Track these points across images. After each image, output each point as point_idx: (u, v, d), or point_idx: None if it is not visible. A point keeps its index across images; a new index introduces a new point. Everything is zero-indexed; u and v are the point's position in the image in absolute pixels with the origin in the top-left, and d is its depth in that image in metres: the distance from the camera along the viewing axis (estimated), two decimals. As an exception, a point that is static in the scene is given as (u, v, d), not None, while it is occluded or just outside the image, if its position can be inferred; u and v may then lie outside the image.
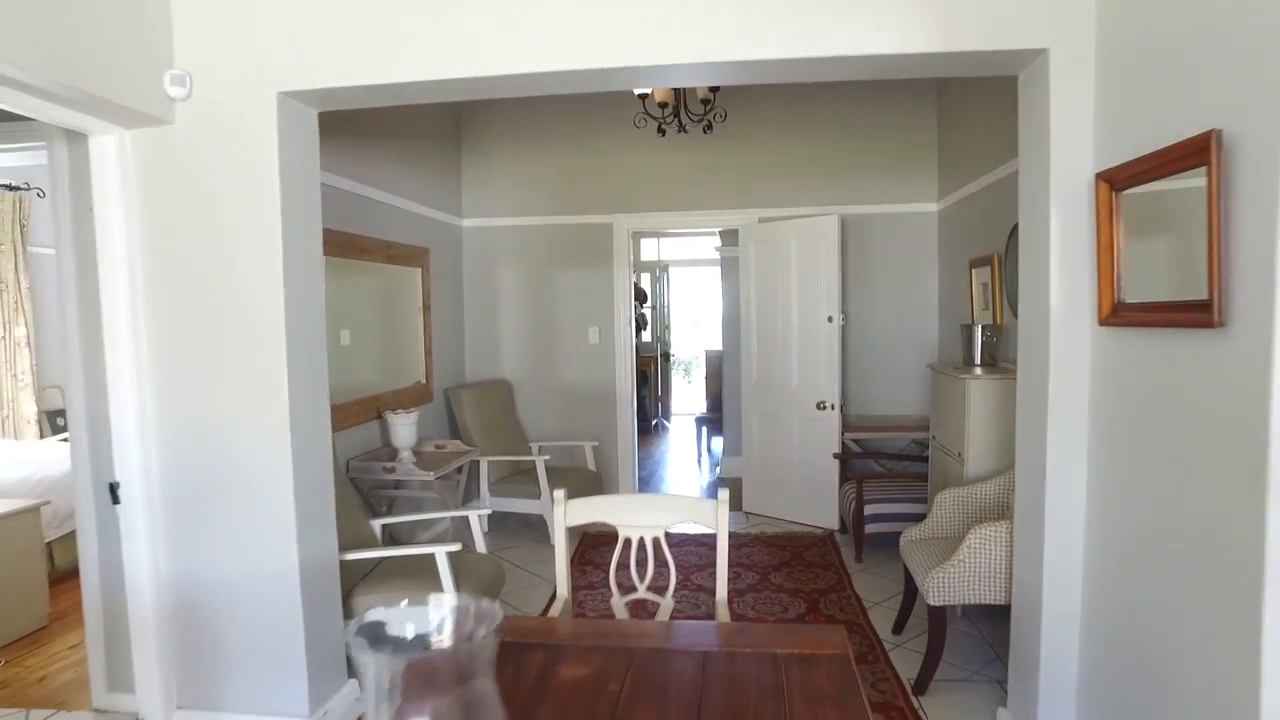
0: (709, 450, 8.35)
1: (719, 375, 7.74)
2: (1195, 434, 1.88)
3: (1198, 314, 1.81)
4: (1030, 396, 2.61)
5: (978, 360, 4.02)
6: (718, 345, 8.00)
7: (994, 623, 3.63)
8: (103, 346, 2.79)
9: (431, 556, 3.09)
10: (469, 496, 5.31)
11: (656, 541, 2.37)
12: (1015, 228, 3.17)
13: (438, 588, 3.07)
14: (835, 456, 5.26)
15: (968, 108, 4.99)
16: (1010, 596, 2.90)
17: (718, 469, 7.46)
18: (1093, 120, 2.38)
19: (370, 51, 2.61)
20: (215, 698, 2.87)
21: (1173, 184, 1.94)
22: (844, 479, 5.22)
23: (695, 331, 12.44)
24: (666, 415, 10.93)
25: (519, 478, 5.27)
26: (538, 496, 5.03)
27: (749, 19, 2.46)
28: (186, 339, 2.77)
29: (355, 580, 3.24)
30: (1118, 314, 2.21)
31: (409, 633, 0.94)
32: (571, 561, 3.99)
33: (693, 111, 4.77)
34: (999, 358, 4.12)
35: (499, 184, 6.06)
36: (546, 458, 5.19)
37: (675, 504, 2.47)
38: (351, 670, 3.05)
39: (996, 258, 4.33)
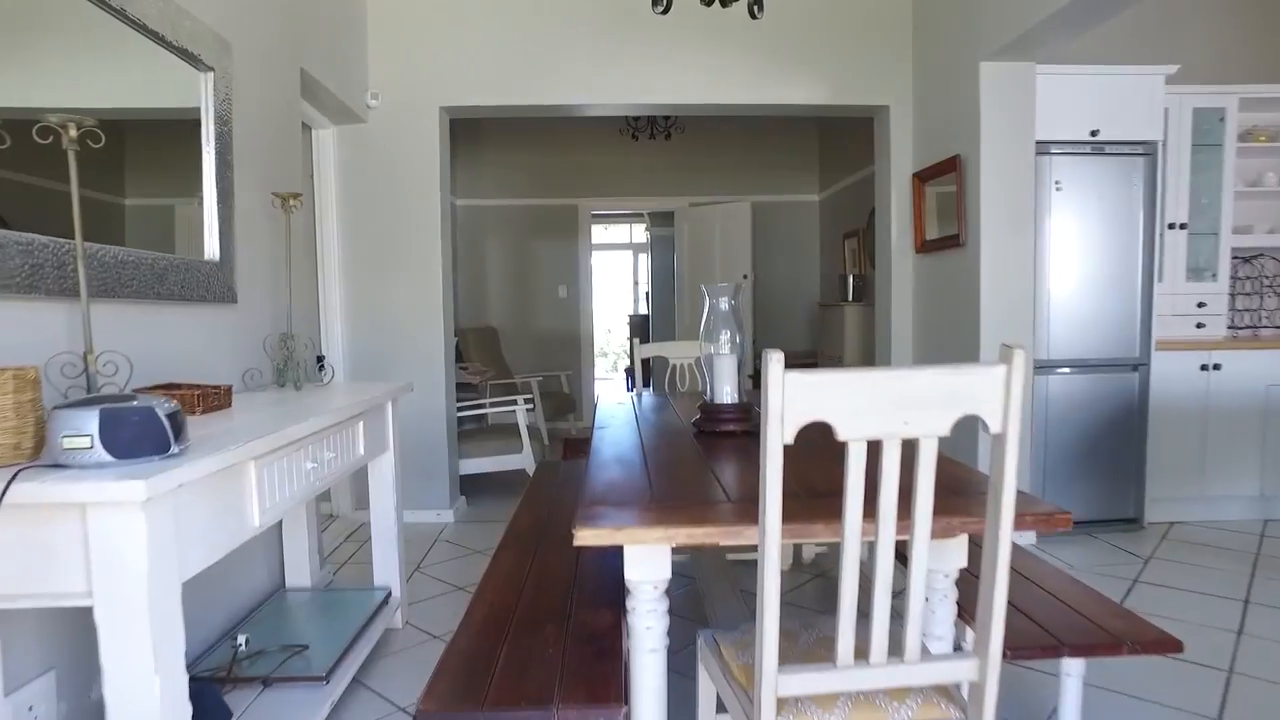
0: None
1: (644, 330, 9.63)
2: (953, 299, 3.92)
3: (955, 242, 3.84)
4: (884, 298, 4.63)
5: (850, 298, 6.10)
6: (635, 312, 9.90)
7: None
8: (317, 266, 4.34)
9: (504, 426, 4.81)
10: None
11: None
12: (873, 210, 5.19)
13: (514, 448, 4.79)
14: (749, 377, 7.25)
15: (839, 132, 7.08)
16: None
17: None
18: (911, 145, 4.41)
19: (498, 83, 4.30)
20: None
21: (945, 180, 3.97)
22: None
23: (614, 301, 14.19)
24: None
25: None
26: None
27: (721, 78, 4.33)
28: (371, 261, 4.36)
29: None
30: (924, 246, 4.24)
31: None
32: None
33: (661, 123, 6.62)
34: (863, 296, 6.20)
35: (487, 171, 7.68)
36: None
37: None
38: (460, 491, 4.69)
39: (861, 230, 6.43)
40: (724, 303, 2.42)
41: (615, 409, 3.24)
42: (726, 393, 2.42)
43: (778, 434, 1.11)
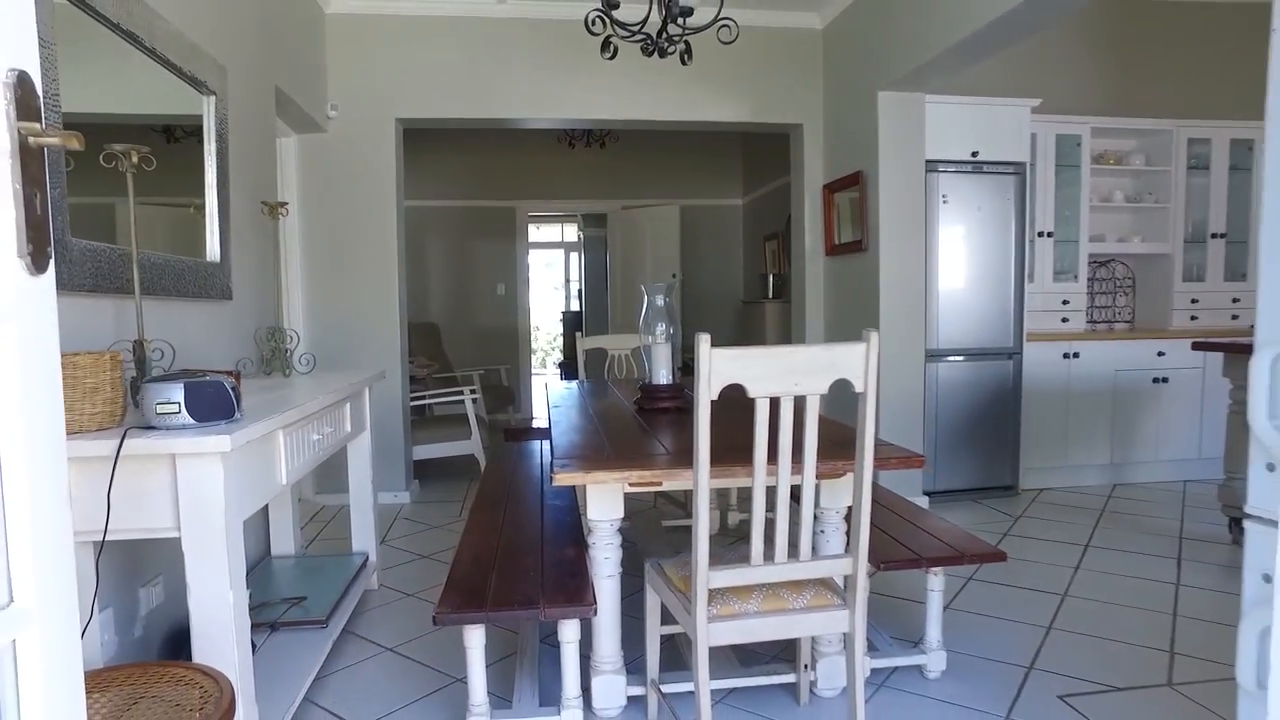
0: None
1: (577, 326, 10.06)
2: (857, 295, 4.49)
3: (859, 246, 4.41)
4: (799, 295, 5.18)
5: (770, 295, 6.67)
6: (565, 310, 10.33)
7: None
8: (281, 266, 4.62)
9: (453, 416, 5.19)
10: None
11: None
12: (790, 216, 5.75)
13: (463, 435, 5.17)
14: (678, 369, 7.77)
15: (761, 143, 7.65)
16: (788, 408, 5.49)
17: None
18: (822, 159, 4.97)
19: (449, 97, 4.68)
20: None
21: (850, 192, 4.53)
22: (685, 383, 7.76)
23: (548, 299, 14.55)
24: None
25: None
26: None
27: (654, 98, 4.80)
28: (331, 261, 4.67)
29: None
30: (834, 250, 4.81)
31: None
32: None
33: (596, 132, 7.05)
34: (782, 293, 6.78)
35: (429, 173, 7.98)
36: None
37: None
38: (413, 475, 5.05)
39: (780, 233, 7.01)
40: (660, 299, 2.89)
41: (565, 393, 3.68)
42: (663, 375, 2.89)
43: (706, 392, 1.58)
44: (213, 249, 2.80)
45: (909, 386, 4.34)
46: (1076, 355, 4.67)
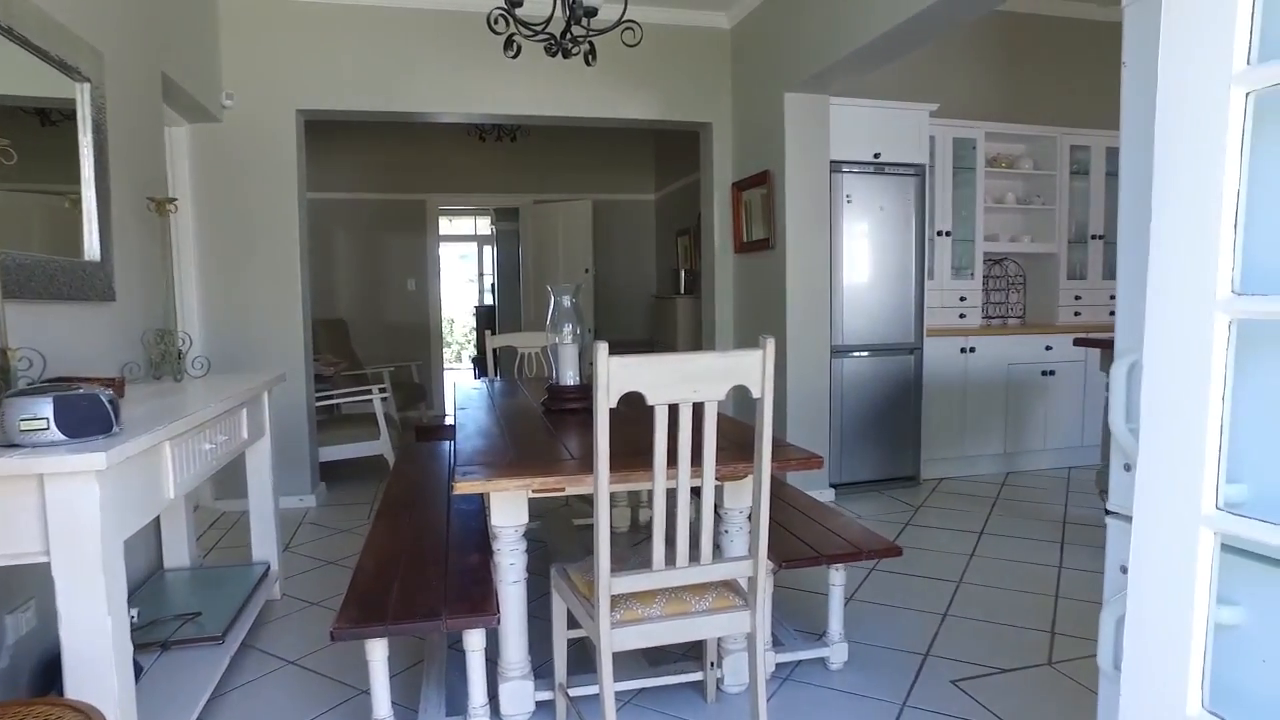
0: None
1: (490, 321, 9.94)
2: (765, 293, 4.58)
3: (767, 244, 4.49)
4: (709, 293, 5.25)
5: (682, 290, 6.73)
6: (479, 303, 10.19)
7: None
8: (173, 262, 4.39)
9: (361, 415, 5.06)
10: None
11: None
12: (700, 213, 5.81)
13: (371, 435, 5.05)
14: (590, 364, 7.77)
15: (672, 139, 7.70)
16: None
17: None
18: (731, 158, 5.04)
19: (353, 88, 4.53)
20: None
21: (758, 190, 4.61)
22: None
23: (463, 293, 14.29)
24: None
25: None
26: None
27: (565, 94, 4.77)
28: (229, 257, 4.47)
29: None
30: (742, 247, 4.89)
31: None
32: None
33: (508, 127, 6.95)
34: (694, 289, 6.85)
35: (337, 165, 7.72)
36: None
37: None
38: (320, 478, 4.89)
39: (691, 229, 7.07)
40: (566, 300, 2.89)
41: (472, 393, 3.63)
42: (570, 377, 2.88)
43: (605, 400, 1.58)
44: (92, 247, 2.64)
45: (815, 382, 4.45)
46: (973, 350, 4.88)
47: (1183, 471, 0.91)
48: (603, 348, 1.56)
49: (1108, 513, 1.38)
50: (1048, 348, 5.03)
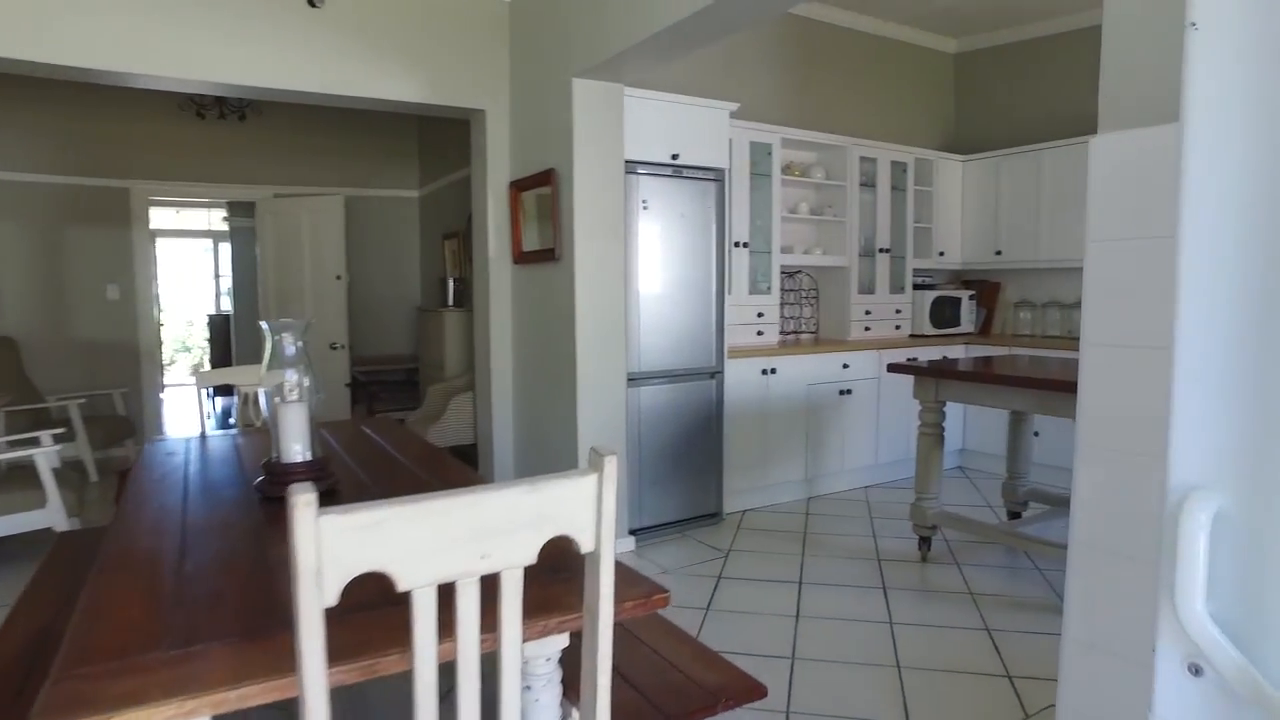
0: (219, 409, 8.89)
1: (225, 333, 8.42)
2: (550, 312, 3.92)
3: (551, 255, 3.82)
4: (482, 308, 4.49)
5: (450, 302, 5.89)
6: (217, 310, 8.64)
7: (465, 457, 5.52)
8: None
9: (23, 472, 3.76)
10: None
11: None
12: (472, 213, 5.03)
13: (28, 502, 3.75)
14: (346, 385, 6.69)
15: (440, 127, 6.81)
16: (476, 436, 4.77)
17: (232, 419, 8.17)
18: (509, 152, 4.31)
19: (-16, 36, 3.27)
20: None
21: (541, 192, 3.93)
22: (356, 401, 6.68)
23: (192, 298, 12.23)
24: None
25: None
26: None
27: (301, 63, 3.80)
28: None
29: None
30: (522, 257, 4.18)
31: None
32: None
33: (233, 102, 5.68)
34: (465, 301, 6.04)
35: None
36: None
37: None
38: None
39: (461, 232, 6.25)
40: (289, 343, 2.04)
41: (165, 458, 2.65)
42: (296, 451, 2.03)
43: (314, 598, 0.82)
44: None
45: (610, 416, 3.86)
46: (774, 371, 4.54)
47: None
48: (306, 499, 0.80)
49: None
50: (845, 365, 4.83)
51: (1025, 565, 3.65)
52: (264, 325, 2.08)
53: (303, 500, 0.80)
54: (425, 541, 0.87)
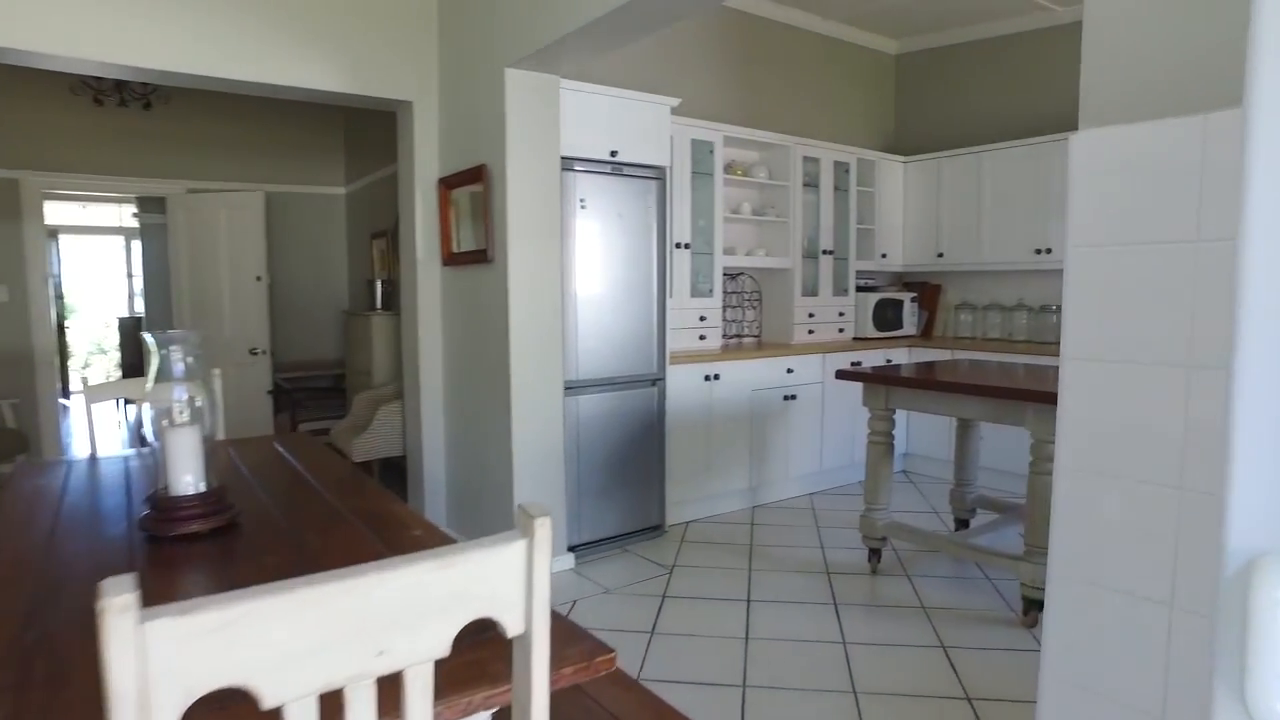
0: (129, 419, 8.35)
1: (137, 337, 7.88)
2: (482, 317, 3.68)
3: (484, 257, 3.59)
4: (410, 312, 4.22)
5: (379, 305, 5.58)
6: (130, 312, 8.09)
7: (394, 470, 5.22)
8: None
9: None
10: None
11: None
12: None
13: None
14: (269, 393, 6.30)
15: (367, 120, 6.48)
16: (405, 448, 4.50)
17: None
18: (438, 147, 4.06)
19: None
20: None
21: (472, 190, 3.69)
22: (279, 409, 6.29)
23: (107, 298, 11.48)
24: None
25: None
26: None
27: (207, 45, 3.48)
28: None
29: None
30: (453, 259, 3.93)
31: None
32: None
33: (135, 88, 5.25)
34: (394, 304, 5.72)
35: None
36: None
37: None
38: None
39: (390, 231, 5.93)
40: (178, 358, 1.77)
41: (36, 484, 2.34)
42: (186, 483, 1.77)
43: (141, 732, 0.61)
44: None
45: (547, 426, 3.65)
46: (717, 377, 4.39)
47: None
48: (122, 604, 0.58)
49: None
50: (789, 370, 4.71)
51: (975, 575, 3.57)
52: (147, 337, 1.81)
53: (119, 603, 0.58)
54: (298, 642, 0.66)
